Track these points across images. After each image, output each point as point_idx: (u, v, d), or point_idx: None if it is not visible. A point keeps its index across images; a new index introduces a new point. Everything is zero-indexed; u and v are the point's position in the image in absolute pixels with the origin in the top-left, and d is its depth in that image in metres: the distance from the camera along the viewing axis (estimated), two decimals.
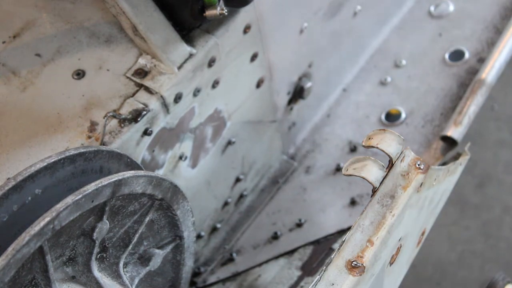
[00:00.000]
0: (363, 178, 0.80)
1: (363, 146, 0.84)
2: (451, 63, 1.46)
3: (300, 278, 1.20)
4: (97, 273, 0.81)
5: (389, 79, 1.48)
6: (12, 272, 0.65)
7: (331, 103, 1.49)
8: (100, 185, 0.72)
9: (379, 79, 1.49)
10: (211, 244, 1.32)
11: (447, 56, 1.48)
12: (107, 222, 0.79)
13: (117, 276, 0.86)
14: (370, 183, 0.80)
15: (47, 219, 0.66)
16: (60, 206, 0.67)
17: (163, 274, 1.01)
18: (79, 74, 0.99)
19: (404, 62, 1.50)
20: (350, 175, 0.81)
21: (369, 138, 0.83)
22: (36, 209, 0.70)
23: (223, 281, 1.27)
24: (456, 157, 1.01)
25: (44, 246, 0.69)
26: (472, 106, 1.34)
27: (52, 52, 1.02)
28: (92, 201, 0.72)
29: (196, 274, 1.28)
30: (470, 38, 1.50)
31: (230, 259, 1.31)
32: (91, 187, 0.71)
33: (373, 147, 0.82)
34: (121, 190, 0.77)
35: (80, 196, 0.70)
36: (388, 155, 0.81)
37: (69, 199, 0.69)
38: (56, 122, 0.94)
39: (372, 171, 0.80)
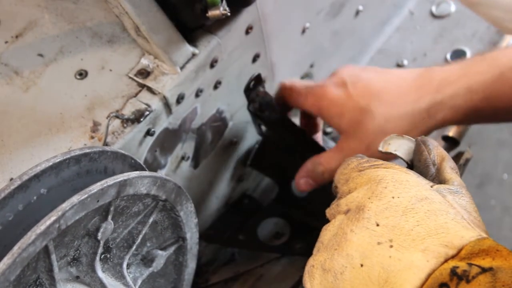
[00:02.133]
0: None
1: (380, 151, 0.83)
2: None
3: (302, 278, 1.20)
4: (101, 273, 0.80)
5: None
6: (18, 271, 0.65)
7: None
8: (105, 185, 0.72)
9: None
10: (213, 245, 1.32)
11: (448, 56, 1.48)
12: (112, 222, 0.79)
13: (121, 277, 0.86)
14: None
15: (53, 218, 0.66)
16: (65, 205, 0.67)
17: (166, 276, 1.01)
18: (82, 74, 0.99)
19: (405, 62, 1.51)
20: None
21: (387, 144, 0.83)
22: (41, 208, 0.70)
23: (225, 281, 1.27)
24: (459, 156, 1.01)
25: (50, 245, 0.69)
26: None
27: (55, 52, 1.02)
28: (98, 201, 0.72)
29: (198, 274, 1.28)
30: (471, 38, 1.50)
31: (232, 259, 1.31)
32: (96, 187, 0.71)
33: (391, 153, 0.82)
34: (126, 191, 0.77)
35: (86, 195, 0.70)
36: (406, 162, 0.81)
37: (75, 199, 0.69)
38: (59, 122, 0.94)
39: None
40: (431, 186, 0.70)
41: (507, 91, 0.97)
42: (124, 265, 0.87)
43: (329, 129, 1.43)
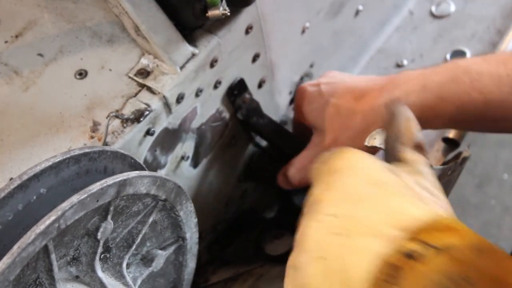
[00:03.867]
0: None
1: (366, 146, 0.84)
2: None
3: None
4: (101, 273, 0.80)
5: None
6: (17, 270, 0.65)
7: None
8: (105, 184, 0.72)
9: None
10: (212, 244, 1.32)
11: (448, 56, 1.48)
12: (111, 222, 0.79)
13: (120, 276, 0.86)
14: None
15: (53, 218, 0.66)
16: (65, 205, 0.67)
17: (165, 276, 1.01)
18: (82, 74, 0.99)
19: (405, 62, 1.51)
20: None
21: (373, 138, 0.84)
22: (41, 208, 0.70)
23: (225, 280, 1.27)
24: (457, 156, 1.01)
25: (49, 245, 0.69)
26: None
27: (54, 52, 1.02)
28: (97, 201, 0.72)
29: (197, 274, 1.28)
30: (471, 38, 1.50)
31: (232, 259, 1.31)
32: (96, 186, 0.71)
33: (376, 147, 0.83)
34: (126, 190, 0.77)
35: (86, 195, 0.70)
36: None
37: (74, 198, 0.68)
38: (59, 122, 0.94)
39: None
40: (390, 168, 0.70)
41: (458, 93, 0.99)
42: (124, 265, 0.87)
43: None
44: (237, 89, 1.12)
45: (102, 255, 0.84)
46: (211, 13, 0.94)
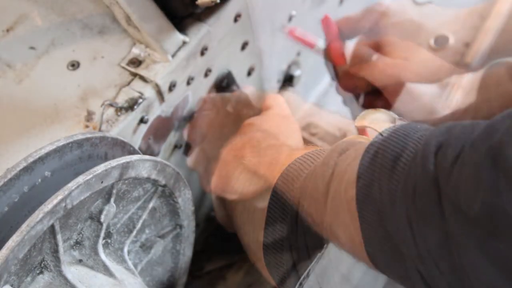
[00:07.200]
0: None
1: (356, 126, 0.85)
2: (436, 48, 1.48)
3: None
4: (104, 256, 0.81)
5: None
6: (26, 249, 0.66)
7: (319, 91, 1.50)
8: (109, 166, 0.73)
9: None
10: (206, 233, 1.33)
11: (432, 41, 1.49)
12: (114, 205, 0.80)
13: (122, 261, 0.87)
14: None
15: (60, 197, 0.67)
16: (71, 185, 0.68)
17: (163, 264, 1.02)
18: (74, 65, 1.00)
19: None
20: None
21: (362, 118, 0.85)
22: (46, 191, 0.71)
23: (220, 268, 1.28)
24: None
25: (56, 225, 0.70)
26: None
27: (46, 45, 1.02)
28: (102, 182, 0.73)
29: (192, 262, 1.28)
30: (454, 24, 1.51)
31: (226, 247, 1.32)
32: (100, 167, 0.72)
33: (366, 127, 0.84)
34: (128, 173, 0.78)
35: (91, 176, 0.71)
36: (381, 134, 0.82)
37: (80, 179, 0.69)
38: (53, 113, 0.95)
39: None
40: None
41: None
42: (125, 250, 0.88)
43: (314, 130, 1.44)
44: (225, 82, 1.13)
45: (104, 241, 0.85)
46: (201, 1, 0.95)
